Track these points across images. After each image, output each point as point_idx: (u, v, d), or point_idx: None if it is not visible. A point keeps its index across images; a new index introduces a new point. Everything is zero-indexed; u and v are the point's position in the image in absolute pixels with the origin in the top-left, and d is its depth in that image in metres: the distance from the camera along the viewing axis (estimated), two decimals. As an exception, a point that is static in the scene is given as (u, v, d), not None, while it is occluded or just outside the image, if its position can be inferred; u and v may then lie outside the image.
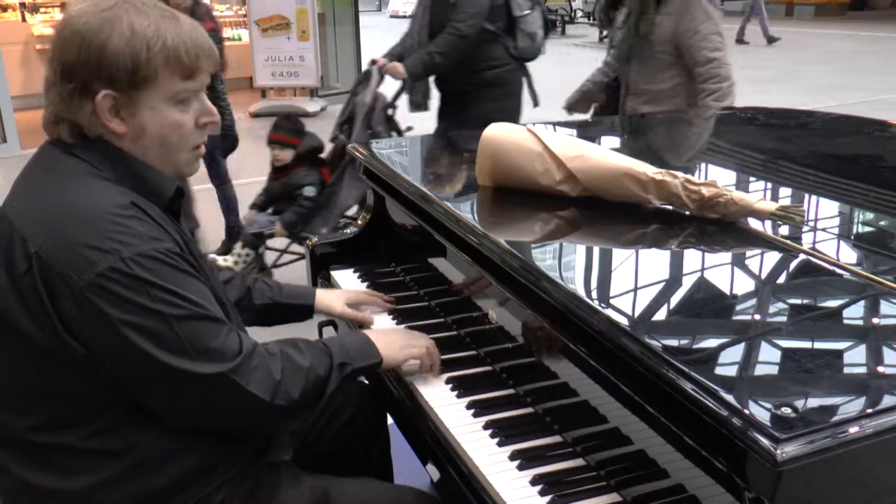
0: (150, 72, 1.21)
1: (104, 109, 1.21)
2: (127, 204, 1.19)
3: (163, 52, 1.21)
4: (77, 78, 1.20)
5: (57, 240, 1.15)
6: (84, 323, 1.14)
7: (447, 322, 1.79)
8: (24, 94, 7.79)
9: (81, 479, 1.21)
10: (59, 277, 1.13)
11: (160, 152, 1.28)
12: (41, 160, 1.28)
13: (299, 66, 8.66)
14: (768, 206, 1.52)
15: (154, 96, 1.23)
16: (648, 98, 3.14)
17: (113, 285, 1.12)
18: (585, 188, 1.67)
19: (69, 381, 1.18)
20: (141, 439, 1.22)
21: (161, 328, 1.15)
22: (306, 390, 1.29)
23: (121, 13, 1.20)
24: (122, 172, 1.25)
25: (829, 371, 1.08)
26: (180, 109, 1.26)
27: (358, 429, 1.73)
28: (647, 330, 1.20)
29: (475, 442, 1.36)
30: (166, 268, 1.17)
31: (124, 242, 1.14)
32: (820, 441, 0.89)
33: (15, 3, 9.23)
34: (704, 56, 2.95)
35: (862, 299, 1.31)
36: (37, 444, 1.21)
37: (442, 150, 2.58)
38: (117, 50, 1.18)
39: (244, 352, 1.22)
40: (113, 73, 1.19)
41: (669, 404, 1.03)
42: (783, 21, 21.01)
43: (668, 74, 3.06)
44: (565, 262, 1.52)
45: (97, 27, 1.18)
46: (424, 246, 1.88)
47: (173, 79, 1.23)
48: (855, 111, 3.60)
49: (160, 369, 1.15)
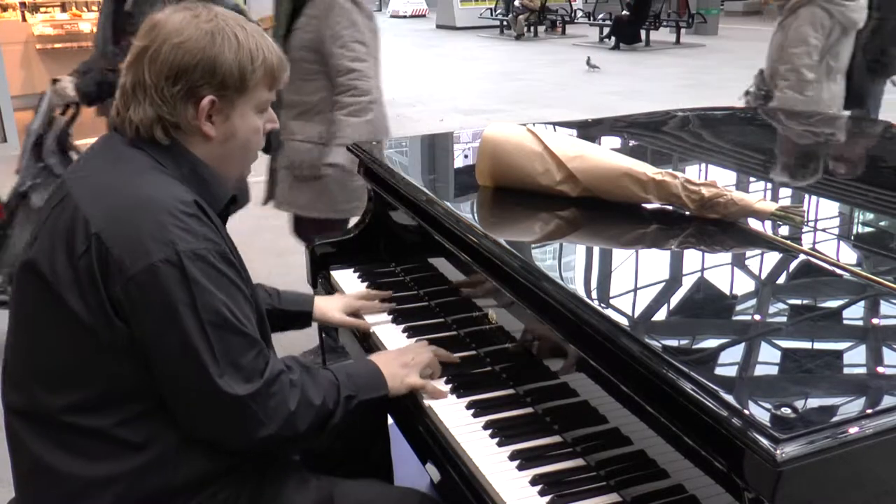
0: (253, 82, 1.30)
1: (204, 112, 1.28)
2: (190, 201, 1.23)
3: (263, 64, 1.30)
4: (186, 81, 1.25)
5: (119, 224, 1.19)
6: (131, 308, 1.17)
7: (447, 322, 1.79)
8: (24, 94, 7.79)
9: (97, 467, 1.22)
10: (115, 261, 1.16)
11: (241, 155, 1.37)
12: (107, 149, 1.33)
13: (299, 66, 8.65)
14: (768, 206, 1.53)
15: (247, 104, 1.32)
16: (298, 112, 2.80)
17: (162, 277, 1.16)
18: (585, 188, 1.67)
19: (107, 364, 1.21)
20: (164, 435, 1.24)
21: (198, 329, 1.17)
22: (313, 425, 1.30)
23: (223, 26, 1.28)
24: (184, 172, 1.30)
25: (829, 371, 1.08)
26: (260, 117, 1.36)
27: (358, 428, 1.73)
28: (647, 330, 1.20)
29: (475, 442, 1.36)
30: (214, 271, 1.20)
31: (181, 238, 1.18)
32: (820, 441, 0.89)
33: (15, 2, 9.22)
34: (344, 66, 2.64)
35: (862, 300, 1.31)
36: (64, 425, 1.22)
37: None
38: (228, 60, 1.26)
39: (266, 377, 1.23)
40: (224, 80, 1.27)
41: (669, 404, 1.03)
42: (783, 21, 21.01)
43: (315, 86, 2.73)
44: (565, 262, 1.52)
45: (207, 36, 1.26)
46: (424, 246, 1.88)
47: (263, 89, 1.33)
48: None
49: (191, 368, 1.17)
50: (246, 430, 1.23)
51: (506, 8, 18.60)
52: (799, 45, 3.20)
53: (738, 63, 12.93)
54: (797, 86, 3.22)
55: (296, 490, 1.37)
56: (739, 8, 22.80)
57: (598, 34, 16.92)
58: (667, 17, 16.66)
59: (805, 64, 3.20)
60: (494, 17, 18.98)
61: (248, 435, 1.23)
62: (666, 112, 2.82)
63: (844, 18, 3.21)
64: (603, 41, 16.42)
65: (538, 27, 18.47)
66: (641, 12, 15.32)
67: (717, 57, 13.92)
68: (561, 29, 18.89)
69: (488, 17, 19.20)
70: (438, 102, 9.65)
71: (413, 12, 23.87)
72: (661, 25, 16.26)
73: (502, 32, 18.51)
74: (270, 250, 4.62)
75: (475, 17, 19.69)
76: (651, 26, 15.74)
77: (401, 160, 2.23)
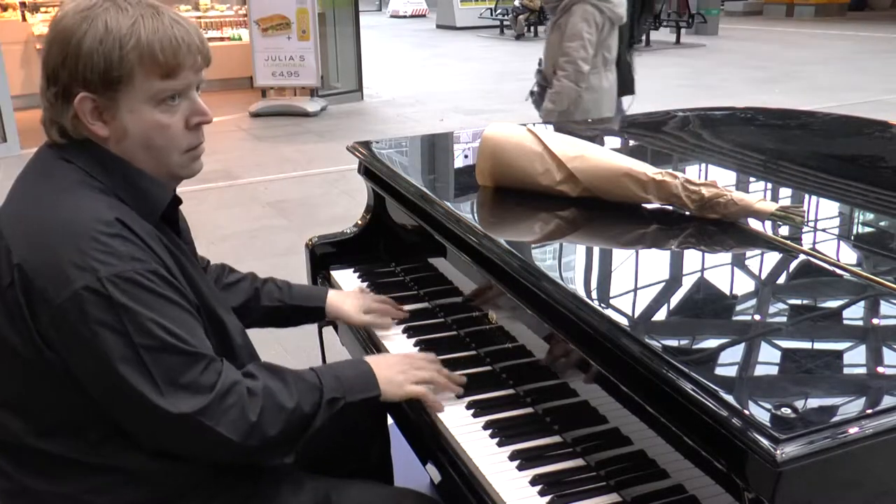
0: (125, 72, 1.15)
1: (85, 112, 1.18)
2: (112, 220, 1.15)
3: (136, 49, 1.15)
4: (59, 81, 1.17)
5: (39, 253, 1.12)
6: (59, 339, 1.12)
7: (447, 322, 1.79)
8: (23, 94, 7.79)
9: (79, 484, 1.20)
10: (38, 292, 1.11)
11: (147, 155, 1.23)
12: (37, 164, 1.26)
13: (299, 66, 8.65)
14: (768, 206, 1.53)
15: (132, 97, 1.18)
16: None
17: (87, 305, 1.09)
18: (585, 188, 1.67)
19: (53, 393, 1.16)
20: (133, 454, 1.20)
21: (130, 355, 1.10)
22: (287, 429, 1.24)
23: (99, 12, 1.15)
24: (115, 180, 1.21)
25: (829, 371, 1.08)
26: (163, 110, 1.21)
27: (357, 429, 1.73)
28: (647, 330, 1.20)
29: (475, 442, 1.36)
30: (144, 292, 1.12)
31: (103, 262, 1.10)
32: (820, 441, 0.89)
33: (15, 2, 9.22)
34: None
35: (862, 300, 1.31)
36: (31, 449, 1.20)
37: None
38: (90, 50, 1.14)
39: (217, 390, 1.16)
40: (87, 75, 1.15)
41: (669, 405, 1.03)
42: (783, 21, 21.03)
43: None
44: (565, 263, 1.52)
45: (74, 27, 1.15)
46: (424, 246, 1.87)
47: (150, 78, 1.18)
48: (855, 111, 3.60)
49: (128, 396, 1.12)
50: (206, 445, 1.18)
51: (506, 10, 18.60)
52: (575, 39, 3.55)
53: (738, 63, 12.94)
54: (573, 76, 3.57)
55: (291, 492, 1.35)
56: (739, 8, 22.78)
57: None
58: (667, 17, 16.64)
59: (581, 57, 3.56)
60: (494, 17, 18.97)
61: (211, 449, 1.19)
62: (666, 112, 2.82)
63: (613, 14, 3.62)
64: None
65: (538, 27, 18.46)
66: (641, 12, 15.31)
67: (717, 57, 13.91)
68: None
69: (488, 17, 19.20)
70: (438, 102, 9.64)
71: (413, 12, 23.86)
72: (661, 25, 16.24)
73: (502, 32, 18.50)
74: (270, 250, 4.63)
75: (475, 17, 19.69)
76: (651, 26, 15.72)
77: (401, 160, 2.23)
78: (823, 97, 9.35)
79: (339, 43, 9.91)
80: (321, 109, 8.87)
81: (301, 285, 1.78)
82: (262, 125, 8.18)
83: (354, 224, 2.26)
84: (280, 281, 1.75)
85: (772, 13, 22.38)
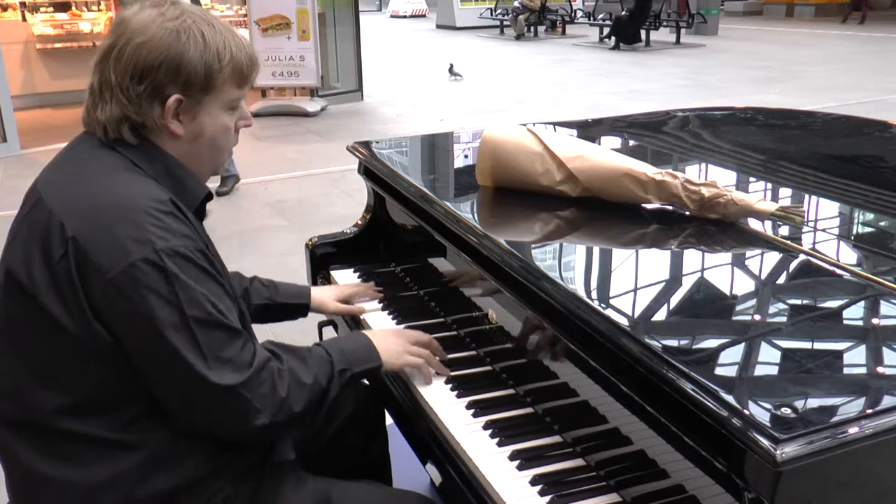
0: (220, 80, 1.29)
1: (169, 111, 1.26)
2: (166, 200, 1.22)
3: (231, 62, 1.29)
4: (152, 81, 1.24)
5: (95, 227, 1.18)
6: (111, 311, 1.16)
7: (447, 322, 1.80)
8: (24, 94, 7.80)
9: (95, 472, 1.21)
10: (93, 264, 1.15)
11: (210, 154, 1.35)
12: (80, 150, 1.31)
13: (299, 66, 8.65)
14: (768, 206, 1.53)
15: (215, 102, 1.30)
16: None
17: (143, 276, 1.15)
18: (585, 188, 1.67)
19: (93, 369, 1.20)
20: (157, 436, 1.23)
21: (181, 326, 1.16)
22: (309, 403, 1.31)
23: (189, 24, 1.26)
24: (158, 171, 1.29)
25: (829, 371, 1.08)
26: (229, 115, 1.34)
27: (357, 428, 1.73)
28: (647, 330, 1.20)
29: (475, 442, 1.36)
30: (194, 268, 1.19)
31: (160, 236, 1.17)
32: (820, 441, 0.89)
33: (15, 2, 9.22)
34: None
35: (862, 300, 1.31)
36: (56, 431, 1.21)
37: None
38: (193, 58, 1.25)
39: (255, 366, 1.23)
40: (189, 79, 1.26)
41: (669, 404, 1.03)
42: (783, 21, 21.04)
43: None
44: (565, 263, 1.52)
45: (171, 37, 1.24)
46: (424, 246, 1.88)
47: (231, 87, 1.31)
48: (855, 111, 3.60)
49: (176, 366, 1.17)
50: (242, 420, 1.23)
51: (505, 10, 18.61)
52: None
53: (737, 63, 12.94)
54: None
55: (293, 491, 1.37)
56: (739, 8, 22.80)
57: (598, 34, 16.92)
58: (667, 17, 16.65)
59: None
60: (494, 17, 18.98)
61: (244, 424, 1.23)
62: (666, 112, 2.83)
63: None
64: (603, 41, 16.41)
65: (538, 27, 18.46)
66: (641, 12, 15.31)
67: (717, 57, 13.91)
68: (561, 29, 18.87)
69: (488, 17, 19.20)
70: (438, 102, 9.65)
71: (413, 12, 23.87)
72: (661, 25, 16.25)
73: (502, 32, 18.51)
74: (270, 250, 4.63)
75: (475, 17, 19.70)
76: (651, 26, 15.73)
77: (401, 160, 2.23)
78: (823, 97, 9.35)
79: (338, 43, 9.91)
80: (321, 109, 8.87)
81: (285, 283, 1.84)
82: (262, 125, 8.18)
83: (354, 224, 2.26)
84: (265, 279, 1.81)
85: (772, 13, 22.40)
